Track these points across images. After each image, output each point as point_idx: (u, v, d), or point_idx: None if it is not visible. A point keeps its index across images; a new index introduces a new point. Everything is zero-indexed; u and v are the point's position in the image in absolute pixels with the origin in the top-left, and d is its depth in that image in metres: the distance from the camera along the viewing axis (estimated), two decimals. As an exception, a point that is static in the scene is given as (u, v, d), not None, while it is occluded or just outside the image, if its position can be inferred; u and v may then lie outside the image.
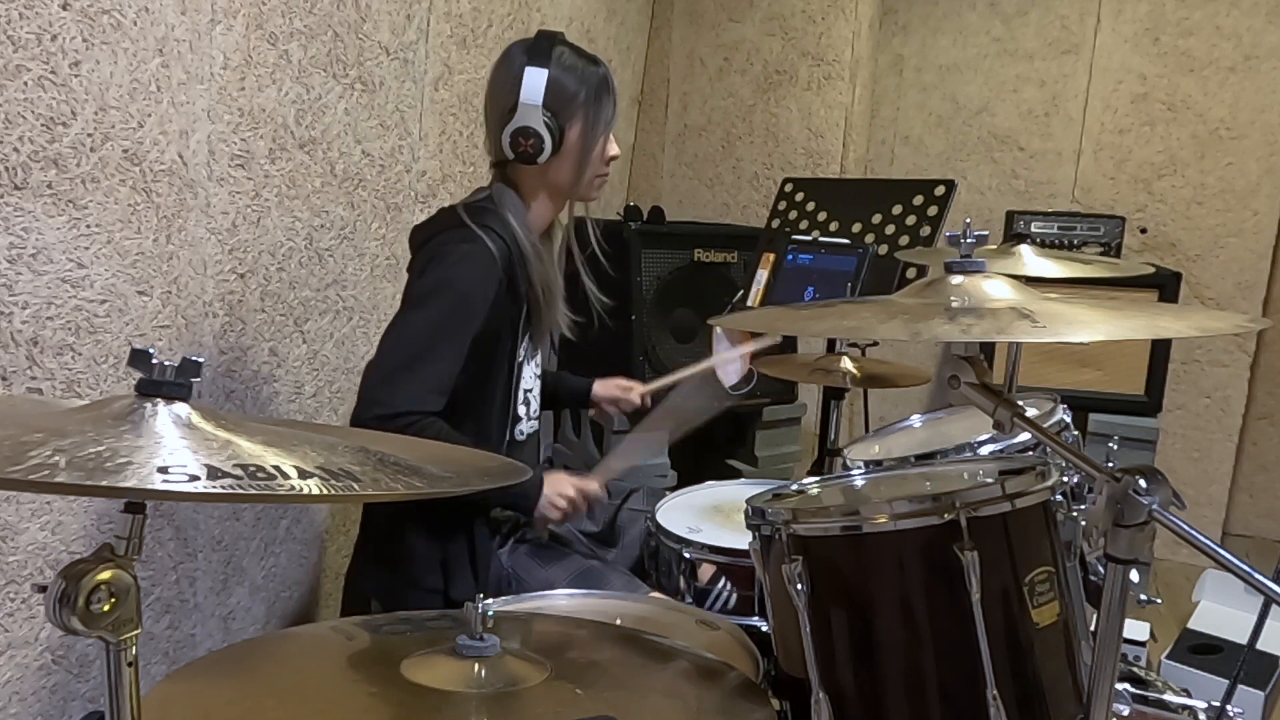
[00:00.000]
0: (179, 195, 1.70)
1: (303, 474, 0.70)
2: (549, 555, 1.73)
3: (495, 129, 1.67)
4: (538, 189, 1.72)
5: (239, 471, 0.67)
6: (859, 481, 1.43)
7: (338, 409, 2.19)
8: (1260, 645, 1.51)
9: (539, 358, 1.82)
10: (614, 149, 1.74)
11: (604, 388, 2.00)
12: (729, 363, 2.02)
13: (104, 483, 0.62)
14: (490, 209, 1.66)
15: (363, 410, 1.57)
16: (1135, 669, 1.73)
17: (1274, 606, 1.05)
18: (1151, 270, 2.79)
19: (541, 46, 1.65)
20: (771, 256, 2.28)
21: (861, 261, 2.11)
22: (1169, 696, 1.47)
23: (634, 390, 2.00)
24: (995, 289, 1.09)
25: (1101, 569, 0.96)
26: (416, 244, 1.74)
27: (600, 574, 1.66)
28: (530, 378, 1.78)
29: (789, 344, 2.56)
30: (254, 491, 0.66)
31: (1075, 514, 1.30)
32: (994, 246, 1.93)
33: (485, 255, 1.61)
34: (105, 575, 0.68)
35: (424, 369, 1.57)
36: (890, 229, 2.22)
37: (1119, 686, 1.34)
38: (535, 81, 1.62)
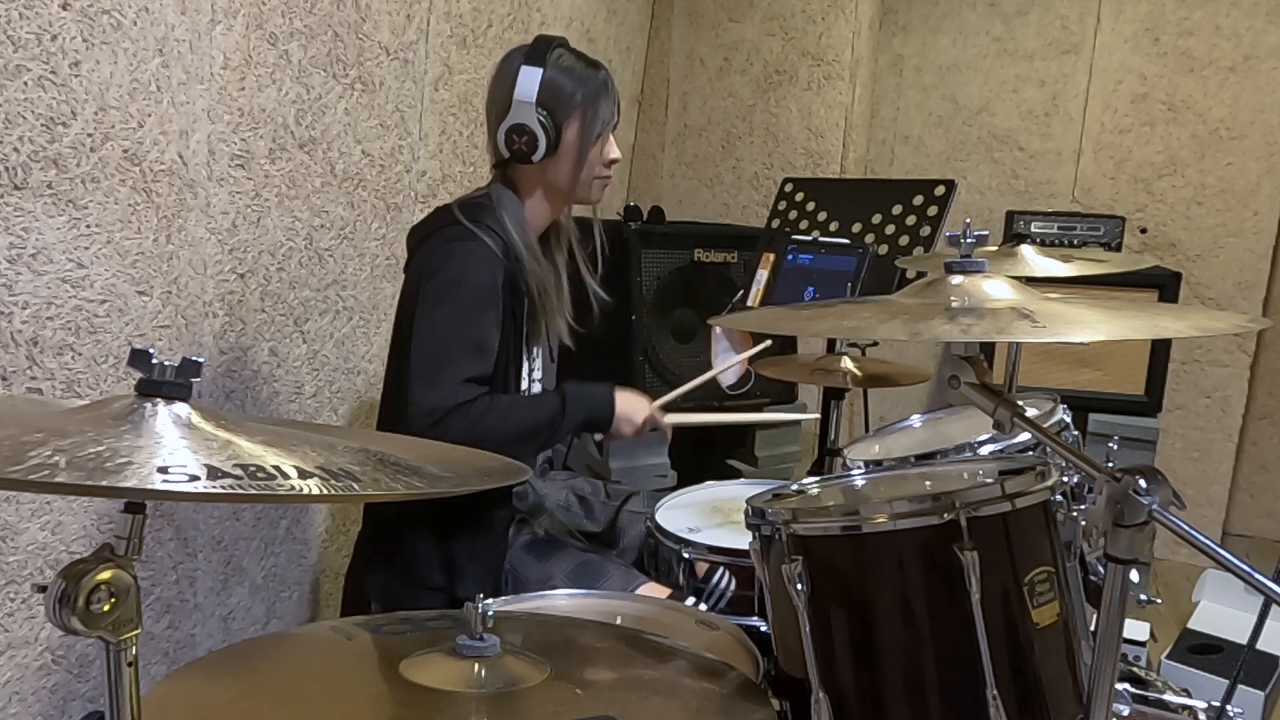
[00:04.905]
0: (179, 195, 1.70)
1: (303, 474, 0.70)
2: (545, 551, 1.73)
3: (492, 128, 1.68)
4: (535, 189, 1.72)
5: (239, 471, 0.67)
6: (859, 481, 1.43)
7: (338, 409, 2.19)
8: (1260, 645, 1.51)
9: (539, 360, 1.82)
10: (614, 151, 1.74)
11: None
12: (727, 365, 2.02)
13: (104, 483, 0.62)
14: (486, 206, 1.67)
15: (416, 421, 1.53)
16: (1135, 669, 1.72)
17: (1274, 606, 1.05)
18: (1151, 264, 2.79)
19: (538, 49, 1.67)
20: (771, 256, 2.28)
21: (861, 261, 2.12)
22: (1169, 696, 1.47)
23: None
24: (995, 289, 1.09)
25: (1101, 569, 0.96)
26: (413, 243, 1.74)
27: (597, 566, 1.67)
28: (527, 378, 1.78)
29: (789, 344, 2.56)
30: (254, 491, 0.66)
31: (1075, 514, 1.30)
32: (994, 247, 1.94)
33: (486, 249, 1.62)
34: (105, 575, 0.68)
35: (460, 359, 1.57)
36: (890, 229, 2.22)
37: (1119, 686, 1.34)
38: (529, 80, 1.63)
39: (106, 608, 0.68)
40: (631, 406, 1.72)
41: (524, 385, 1.76)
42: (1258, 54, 3.25)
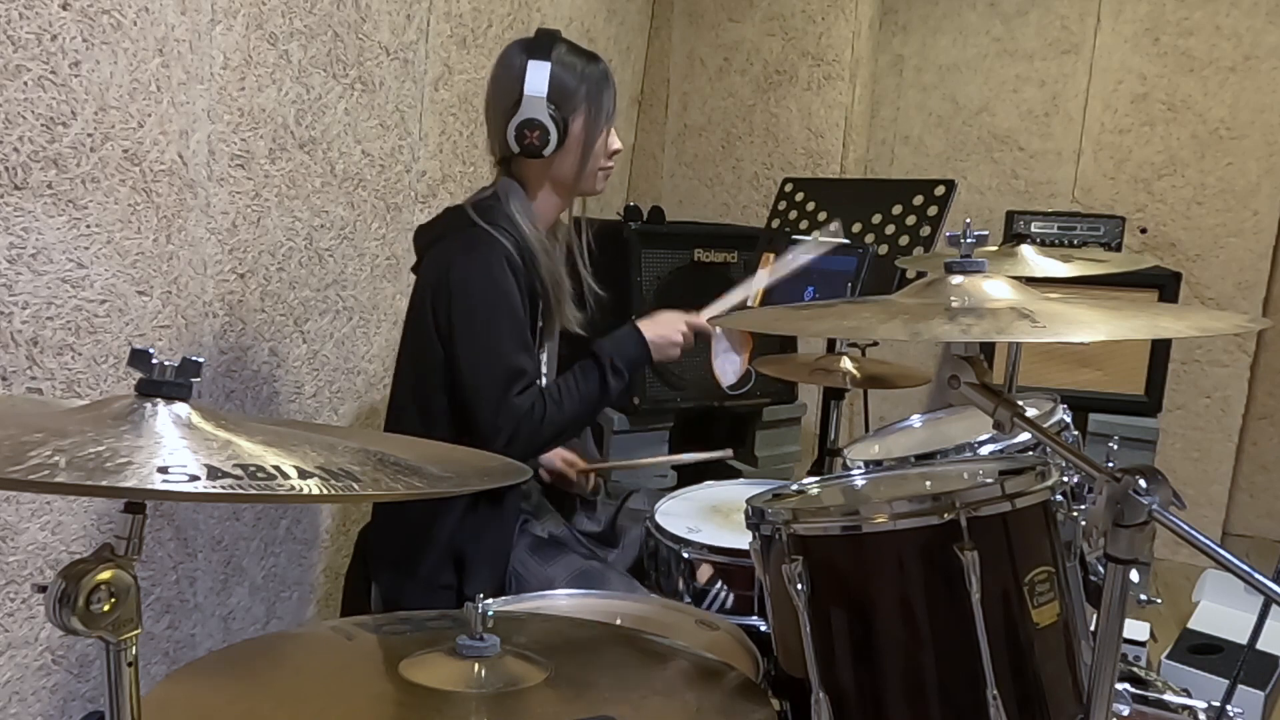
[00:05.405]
0: (179, 195, 1.70)
1: (303, 474, 0.70)
2: (548, 554, 1.73)
3: (500, 124, 1.67)
4: (542, 183, 1.72)
5: (239, 471, 0.67)
6: (859, 481, 1.43)
7: (338, 409, 2.19)
8: (1260, 645, 1.51)
9: (546, 355, 1.82)
10: (616, 142, 1.75)
11: (548, 457, 1.94)
12: (726, 362, 2.02)
13: (104, 483, 0.62)
14: (497, 206, 1.67)
15: (492, 446, 1.55)
16: (1135, 669, 1.73)
17: (1274, 606, 1.05)
18: (1151, 264, 2.79)
19: (541, 43, 1.66)
20: (771, 256, 2.28)
21: (861, 261, 2.11)
22: (1169, 696, 1.47)
23: (574, 468, 1.96)
24: (995, 289, 1.09)
25: (1101, 569, 0.96)
26: (423, 244, 1.74)
27: (599, 574, 1.67)
28: (543, 368, 1.79)
29: (789, 344, 2.56)
30: (254, 491, 0.66)
31: (1075, 514, 1.30)
32: (994, 247, 1.94)
33: (504, 252, 1.62)
34: (105, 575, 0.68)
35: (514, 374, 1.61)
36: (890, 229, 2.22)
37: (1119, 686, 1.34)
38: (538, 75, 1.63)
39: (106, 608, 0.68)
40: (662, 329, 1.73)
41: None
42: (1258, 54, 3.24)
